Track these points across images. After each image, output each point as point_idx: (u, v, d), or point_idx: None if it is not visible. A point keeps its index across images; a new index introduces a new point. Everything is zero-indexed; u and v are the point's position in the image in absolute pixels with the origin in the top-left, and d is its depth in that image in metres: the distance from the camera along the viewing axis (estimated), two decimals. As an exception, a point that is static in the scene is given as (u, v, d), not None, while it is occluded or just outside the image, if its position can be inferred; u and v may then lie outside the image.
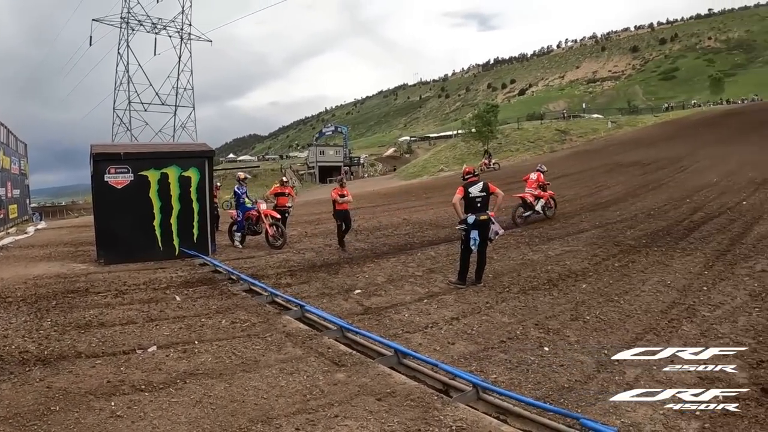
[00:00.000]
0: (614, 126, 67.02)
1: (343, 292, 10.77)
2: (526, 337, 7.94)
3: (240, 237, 16.81)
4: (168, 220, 14.60)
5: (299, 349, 7.30)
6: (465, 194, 10.96)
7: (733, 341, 7.43)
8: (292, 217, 19.25)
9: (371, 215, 25.05)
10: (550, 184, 21.43)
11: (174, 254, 14.63)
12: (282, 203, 17.75)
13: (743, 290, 9.85)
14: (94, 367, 6.64)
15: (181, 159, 14.96)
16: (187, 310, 9.36)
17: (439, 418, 5.26)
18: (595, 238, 15.66)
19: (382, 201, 34.12)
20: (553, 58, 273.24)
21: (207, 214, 15.16)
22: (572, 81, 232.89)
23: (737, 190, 22.72)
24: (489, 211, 11.12)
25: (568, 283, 10.93)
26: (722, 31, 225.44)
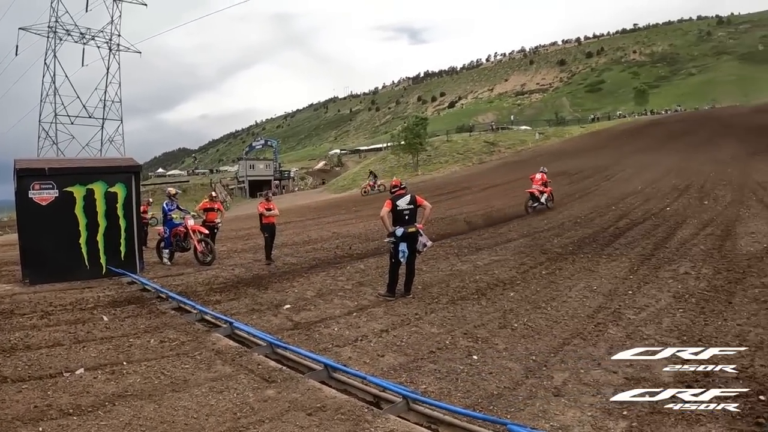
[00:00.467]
0: (542, 137, 68.59)
1: (273, 308, 10.77)
2: (455, 346, 8.06)
3: (168, 254, 16.60)
4: (94, 237, 14.30)
5: (229, 367, 7.32)
6: (393, 207, 11.10)
7: (658, 342, 7.72)
8: (221, 232, 19.13)
9: (301, 229, 25.10)
10: (551, 181, 25.47)
11: (101, 273, 14.32)
12: (211, 219, 17.57)
13: (667, 292, 10.28)
14: (20, 391, 6.51)
15: (107, 174, 14.68)
16: (115, 331, 9.22)
17: (370, 430, 5.37)
18: (523, 247, 16.04)
19: (312, 215, 34.12)
20: (483, 71, 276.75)
21: (134, 230, 14.90)
22: (501, 93, 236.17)
23: (661, 196, 23.68)
24: (417, 224, 11.29)
25: (496, 292, 11.15)
26: (647, 45, 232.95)
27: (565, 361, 7.24)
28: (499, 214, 23.88)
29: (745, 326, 8.21)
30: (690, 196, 22.96)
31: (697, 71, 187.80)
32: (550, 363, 7.22)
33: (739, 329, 8.10)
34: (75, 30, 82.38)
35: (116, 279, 14.04)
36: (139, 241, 15.38)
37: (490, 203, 29.14)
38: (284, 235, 21.54)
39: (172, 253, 16.72)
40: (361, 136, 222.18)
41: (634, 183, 29.04)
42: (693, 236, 15.47)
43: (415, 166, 60.53)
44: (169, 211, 16.61)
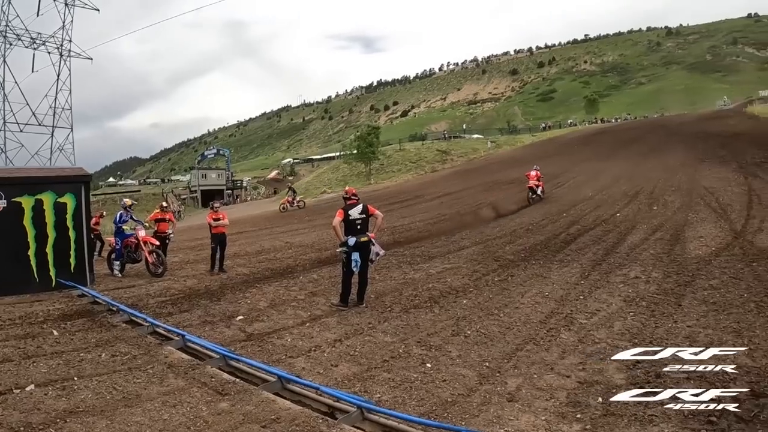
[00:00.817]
0: (494, 146, 69.20)
1: (226, 319, 10.73)
2: (408, 355, 8.17)
3: (119, 265, 16.36)
4: (44, 249, 13.99)
5: (182, 380, 7.31)
6: (345, 217, 11.15)
7: (610, 345, 7.96)
8: (173, 243, 18.96)
9: (254, 239, 24.89)
10: (543, 176, 29.87)
11: (51, 285, 14.03)
12: (162, 229, 17.38)
13: (618, 297, 10.59)
14: (-31, 410, 6.40)
15: (56, 184, 14.37)
16: (66, 345, 9.09)
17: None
18: (476, 254, 16.21)
19: (264, 224, 33.84)
20: (436, 81, 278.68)
21: (84, 242, 14.66)
22: (454, 102, 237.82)
23: (611, 203, 24.04)
24: (369, 233, 11.39)
25: (449, 300, 11.30)
26: (597, 55, 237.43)
27: (518, 367, 7.41)
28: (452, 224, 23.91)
29: (695, 327, 8.51)
30: (640, 202, 23.37)
31: (646, 81, 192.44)
32: (504, 369, 7.38)
33: (689, 330, 8.40)
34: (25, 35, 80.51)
35: (66, 292, 13.78)
36: (90, 253, 15.12)
37: (442, 211, 29.23)
38: (237, 245, 21.41)
39: (123, 265, 16.48)
40: (314, 145, 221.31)
41: (585, 190, 29.40)
42: (643, 241, 15.85)
43: (368, 175, 60.54)
44: (121, 222, 16.40)
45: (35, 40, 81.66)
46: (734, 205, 19.95)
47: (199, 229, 30.79)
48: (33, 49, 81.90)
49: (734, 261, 12.67)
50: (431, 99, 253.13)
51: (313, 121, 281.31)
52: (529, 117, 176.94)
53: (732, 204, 20.26)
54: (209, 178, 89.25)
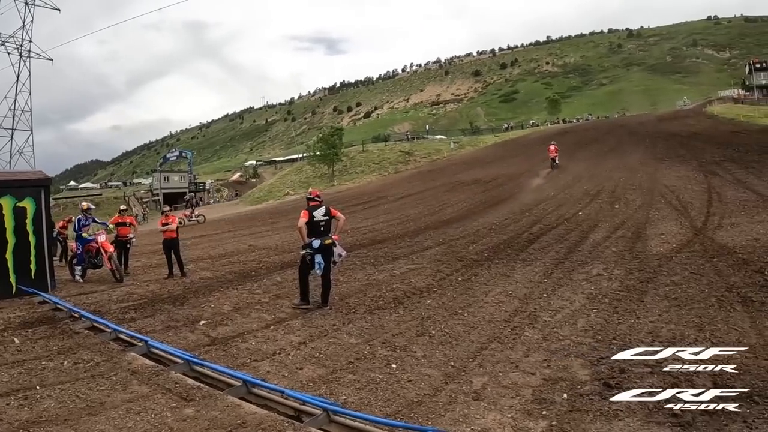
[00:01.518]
0: (456, 146, 69.70)
1: (189, 324, 10.66)
2: (373, 356, 8.19)
3: (81, 271, 16.19)
4: (3, 254, 13.70)
5: (146, 387, 7.26)
6: (309, 218, 11.14)
7: (574, 342, 8.10)
8: (135, 247, 18.78)
9: (217, 242, 24.83)
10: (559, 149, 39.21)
11: (11, 292, 13.77)
12: (123, 233, 17.23)
13: (581, 294, 10.77)
14: (-72, 421, 6.31)
15: (15, 188, 14.14)
16: (27, 353, 8.96)
17: None
18: (440, 255, 16.30)
19: (227, 227, 33.75)
20: (398, 82, 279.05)
21: (45, 247, 14.46)
22: (417, 104, 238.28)
23: (573, 202, 24.31)
24: (332, 235, 11.49)
25: (413, 300, 11.34)
26: (559, 57, 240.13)
27: (483, 366, 7.49)
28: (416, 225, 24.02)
29: (657, 323, 8.72)
30: (601, 200, 23.65)
31: (607, 81, 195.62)
32: (469, 368, 7.45)
33: (651, 326, 8.59)
34: (-17, 35, 79.48)
35: (27, 298, 13.56)
36: (50, 259, 14.90)
37: (405, 212, 29.39)
38: (200, 249, 21.36)
39: (85, 270, 16.30)
40: (277, 147, 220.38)
41: (547, 189, 29.68)
42: (605, 239, 16.11)
43: (331, 176, 60.55)
44: (82, 226, 16.23)
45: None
46: (694, 203, 20.37)
47: (161, 233, 30.57)
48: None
49: (695, 257, 12.93)
50: (394, 100, 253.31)
51: (276, 122, 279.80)
52: (492, 118, 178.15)
53: (692, 202, 20.69)
54: (171, 180, 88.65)
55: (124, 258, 17.11)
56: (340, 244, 11.77)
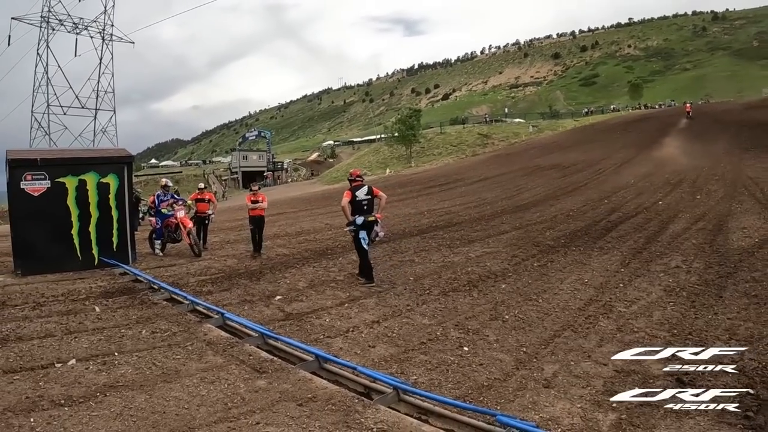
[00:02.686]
0: (535, 130, 68.23)
1: (265, 299, 10.78)
2: (446, 337, 8.14)
3: (160, 244, 16.53)
4: (87, 228, 14.17)
5: (220, 358, 7.33)
6: (352, 198, 11.52)
7: (648, 335, 7.85)
8: (213, 223, 19.06)
9: (293, 221, 24.96)
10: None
11: (93, 263, 14.22)
12: (202, 210, 17.47)
13: (658, 286, 10.41)
14: (12, 383, 6.50)
15: (99, 165, 14.52)
16: (107, 321, 9.19)
17: (360, 420, 5.42)
18: (516, 239, 16.08)
19: (304, 206, 33.74)
20: (477, 64, 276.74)
21: (127, 221, 14.82)
22: (495, 86, 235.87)
23: (653, 190, 23.68)
24: (375, 213, 11.79)
25: (488, 284, 11.20)
26: (641, 40, 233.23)
27: (555, 353, 7.32)
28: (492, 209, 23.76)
29: (735, 320, 8.31)
30: (682, 190, 22.94)
31: (691, 66, 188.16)
32: (541, 355, 7.30)
33: (729, 323, 8.19)
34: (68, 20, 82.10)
35: (108, 270, 13.93)
36: (132, 232, 15.26)
37: (481, 195, 29.11)
38: (277, 227, 21.52)
39: (164, 244, 16.63)
40: (354, 128, 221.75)
41: (626, 177, 28.98)
42: (685, 230, 15.53)
43: (408, 158, 60.43)
44: (161, 201, 16.53)
45: (77, 25, 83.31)
46: (780, 196, 19.42)
47: (240, 209, 31.02)
48: (75, 34, 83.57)
49: (778, 254, 12.36)
50: (472, 82, 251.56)
51: (354, 103, 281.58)
52: (571, 102, 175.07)
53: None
54: (250, 159, 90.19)
55: (203, 233, 17.40)
56: (383, 224, 12.39)
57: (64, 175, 13.96)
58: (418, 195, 33.16)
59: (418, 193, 34.39)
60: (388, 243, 16.44)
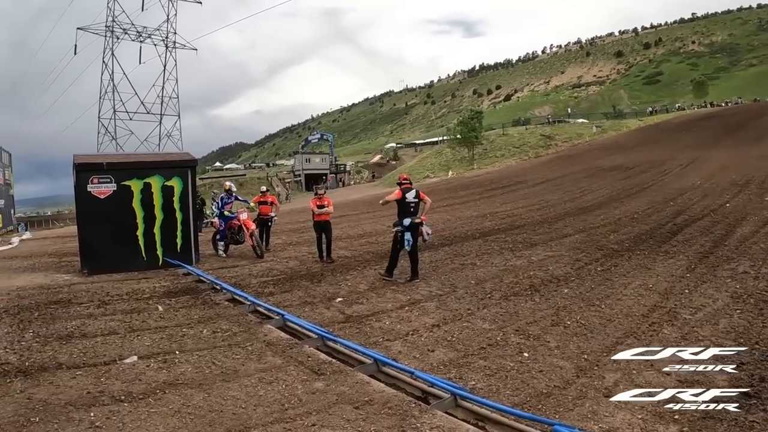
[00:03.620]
0: (599, 130, 67.25)
1: (325, 301, 10.75)
2: (506, 343, 7.94)
3: (223, 246, 16.78)
4: (151, 229, 14.55)
5: (279, 358, 7.31)
6: (402, 198, 12.19)
7: (714, 343, 7.47)
8: (276, 225, 19.18)
9: (356, 223, 25.10)
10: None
11: (158, 264, 14.59)
12: (265, 212, 17.62)
13: (725, 292, 9.99)
14: (74, 378, 6.60)
15: (163, 169, 14.89)
16: (169, 320, 9.32)
17: (416, 425, 5.30)
18: (579, 242, 15.82)
19: (366, 208, 34.17)
20: (538, 64, 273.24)
21: (190, 223, 15.09)
22: (557, 86, 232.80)
23: (720, 192, 23.22)
24: (421, 216, 12.31)
25: (550, 289, 10.96)
26: (705, 35, 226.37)
27: (617, 361, 7.06)
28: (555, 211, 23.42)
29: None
30: (750, 192, 22.41)
31: (757, 62, 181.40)
32: (602, 363, 7.06)
33: (799, 332, 7.81)
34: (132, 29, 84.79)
35: (172, 270, 14.26)
36: (195, 234, 15.51)
37: (544, 198, 28.99)
38: (339, 229, 21.52)
39: (227, 246, 16.88)
40: (416, 130, 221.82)
41: (691, 178, 28.61)
42: (753, 234, 15.05)
43: (471, 159, 60.30)
44: (225, 204, 16.76)
45: (141, 34, 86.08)
46: None
47: (302, 212, 31.36)
48: (139, 42, 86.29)
49: None
50: (534, 83, 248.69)
51: (416, 106, 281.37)
52: (635, 101, 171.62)
53: None
54: (313, 162, 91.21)
55: (266, 235, 17.55)
56: (428, 224, 12.60)
57: (129, 179, 14.37)
58: (480, 197, 33.25)
59: (480, 195, 34.46)
60: (449, 246, 16.58)
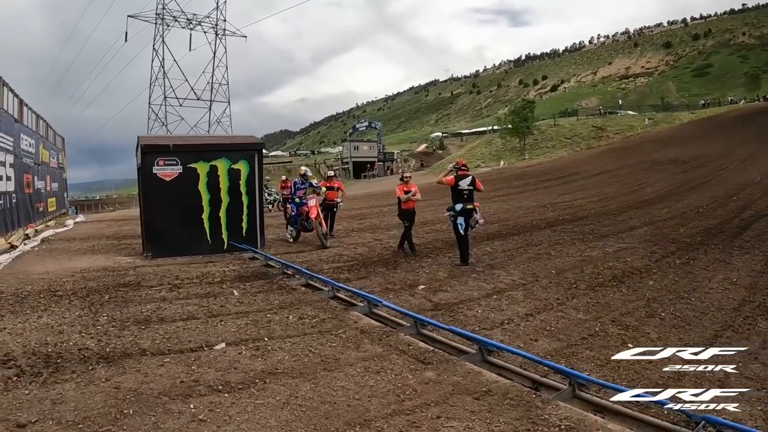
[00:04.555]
0: (651, 123, 66.14)
1: (407, 288, 10.35)
2: (606, 333, 7.68)
3: (293, 232, 16.52)
4: (217, 213, 14.32)
5: (378, 347, 6.84)
6: (455, 184, 12.44)
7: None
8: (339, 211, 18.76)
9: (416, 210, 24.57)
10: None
11: (223, 248, 14.36)
12: (331, 198, 17.20)
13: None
14: (162, 365, 6.14)
15: (230, 152, 14.66)
16: (249, 306, 8.87)
17: (543, 417, 4.93)
18: (649, 235, 15.71)
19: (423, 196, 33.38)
20: (585, 54, 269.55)
21: (256, 207, 14.83)
22: (604, 77, 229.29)
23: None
24: (475, 203, 12.60)
25: (634, 280, 10.70)
26: (756, 27, 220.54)
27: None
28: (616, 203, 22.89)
29: None
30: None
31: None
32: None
33: None
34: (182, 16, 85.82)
35: (237, 254, 13.99)
36: (261, 218, 15.21)
37: (602, 190, 29.00)
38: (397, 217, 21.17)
39: (299, 233, 16.61)
40: (462, 120, 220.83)
41: (750, 173, 28.57)
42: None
43: (522, 150, 59.91)
44: (298, 189, 16.40)
45: (191, 21, 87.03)
46: None
47: (354, 199, 31.15)
48: (189, 29, 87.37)
49: None
50: (581, 73, 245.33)
51: (461, 95, 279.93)
52: (684, 93, 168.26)
53: None
54: (361, 150, 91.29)
55: (330, 221, 17.16)
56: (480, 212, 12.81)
57: (195, 161, 14.15)
58: (536, 188, 33.27)
59: (536, 186, 34.48)
60: (518, 235, 16.49)
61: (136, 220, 23.86)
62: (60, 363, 6.21)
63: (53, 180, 29.97)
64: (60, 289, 10.15)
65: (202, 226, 14.19)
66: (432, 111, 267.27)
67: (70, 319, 8.08)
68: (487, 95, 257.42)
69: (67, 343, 6.92)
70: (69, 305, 8.92)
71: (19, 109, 20.89)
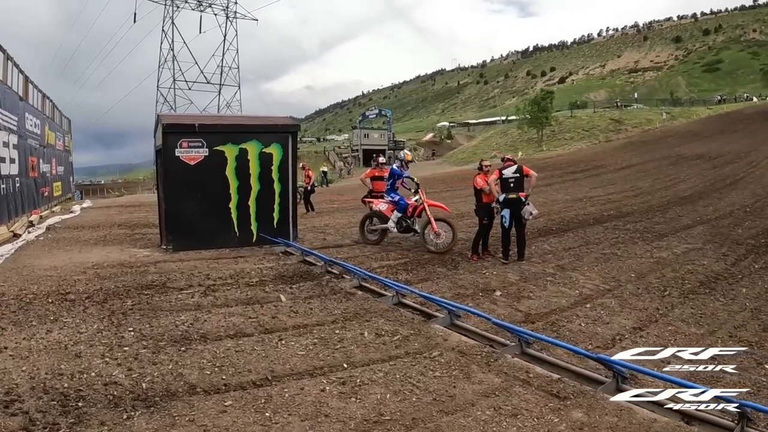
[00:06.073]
0: (669, 117, 65.51)
1: (483, 293, 8.99)
2: (734, 352, 6.65)
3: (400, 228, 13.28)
4: (246, 201, 12.87)
5: (493, 375, 5.33)
6: (500, 176, 11.65)
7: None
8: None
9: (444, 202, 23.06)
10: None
11: (251, 240, 12.92)
12: (378, 189, 14.77)
13: None
14: (224, 411, 4.47)
15: (262, 134, 13.14)
16: (306, 316, 7.19)
17: None
18: (709, 235, 14.70)
19: (443, 186, 33.08)
20: (594, 47, 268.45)
21: (289, 196, 13.33)
22: (613, 70, 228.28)
23: (824, 185, 22.70)
24: (522, 192, 11.64)
25: (723, 286, 9.76)
26: (767, 23, 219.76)
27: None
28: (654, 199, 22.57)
29: None
30: None
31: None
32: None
33: None
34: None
35: (267, 248, 12.59)
36: (294, 208, 13.59)
37: (634, 184, 27.99)
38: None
39: (407, 230, 13.43)
40: (469, 110, 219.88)
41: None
42: None
43: (540, 141, 59.04)
44: (398, 178, 13.62)
45: (201, 2, 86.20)
46: None
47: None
48: (200, 11, 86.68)
49: None
50: (589, 66, 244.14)
51: (468, 85, 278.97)
52: (693, 88, 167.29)
53: None
54: (371, 137, 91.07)
55: None
56: (532, 203, 11.87)
57: (223, 143, 12.76)
58: (563, 181, 32.43)
59: (561, 179, 33.58)
60: (570, 231, 15.44)
61: (147, 206, 22.39)
62: (81, 407, 4.52)
63: (59, 163, 28.87)
64: (71, 290, 8.50)
65: (229, 215, 12.77)
66: (438, 100, 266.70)
67: (88, 334, 6.37)
68: (494, 85, 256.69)
69: (87, 373, 5.21)
70: (84, 314, 7.21)
71: (24, 87, 19.56)
